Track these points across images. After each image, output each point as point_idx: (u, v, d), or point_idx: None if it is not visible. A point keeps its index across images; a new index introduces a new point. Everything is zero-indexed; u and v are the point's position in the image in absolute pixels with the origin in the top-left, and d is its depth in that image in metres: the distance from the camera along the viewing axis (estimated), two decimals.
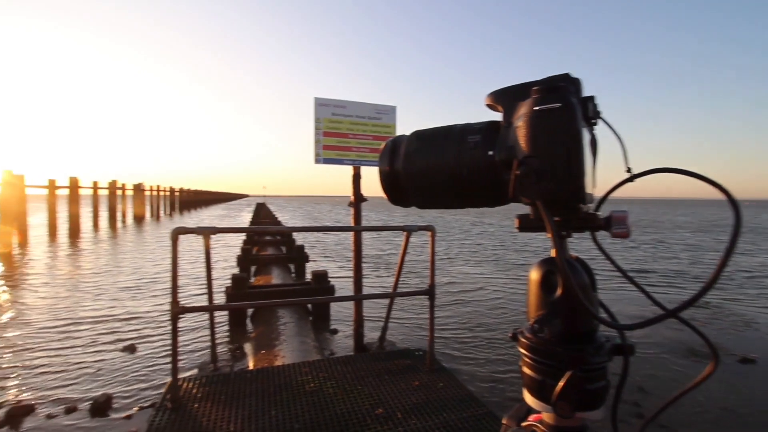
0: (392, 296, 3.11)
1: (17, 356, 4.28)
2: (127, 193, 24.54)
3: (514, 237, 17.29)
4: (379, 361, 2.79)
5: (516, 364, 0.49)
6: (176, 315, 2.29)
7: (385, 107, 3.86)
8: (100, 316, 5.67)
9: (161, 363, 4.10)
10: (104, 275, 8.61)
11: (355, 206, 3.62)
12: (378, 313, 5.55)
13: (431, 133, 0.52)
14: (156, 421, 2.03)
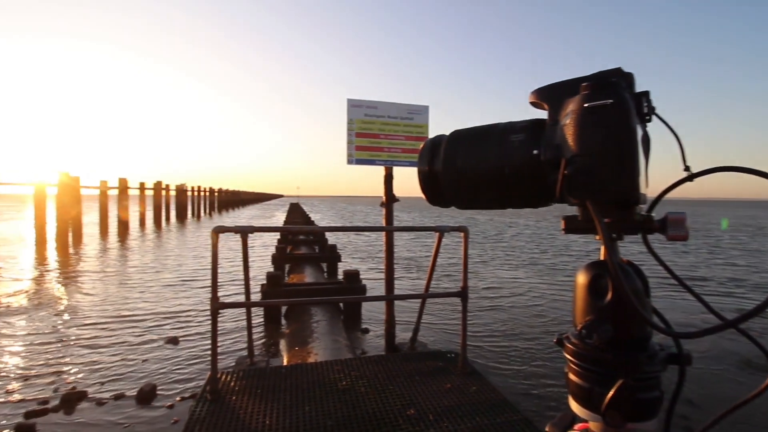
0: (424, 297, 3.10)
1: (71, 346, 4.60)
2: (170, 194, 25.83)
3: (551, 239, 16.75)
4: (410, 362, 2.78)
5: (553, 370, 0.48)
6: (216, 310, 2.37)
7: (418, 107, 3.84)
8: (146, 310, 6.00)
9: (201, 356, 4.28)
10: (150, 272, 9.11)
11: (386, 206, 3.62)
12: (409, 314, 5.53)
13: (472, 133, 0.51)
14: (196, 412, 2.11)
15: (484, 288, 7.66)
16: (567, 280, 8.37)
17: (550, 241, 16.21)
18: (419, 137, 3.80)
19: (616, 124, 0.40)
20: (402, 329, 4.11)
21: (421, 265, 10.23)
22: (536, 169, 0.46)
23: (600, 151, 0.41)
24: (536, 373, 3.99)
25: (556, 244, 15.21)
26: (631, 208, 0.43)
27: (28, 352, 4.39)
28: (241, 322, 5.10)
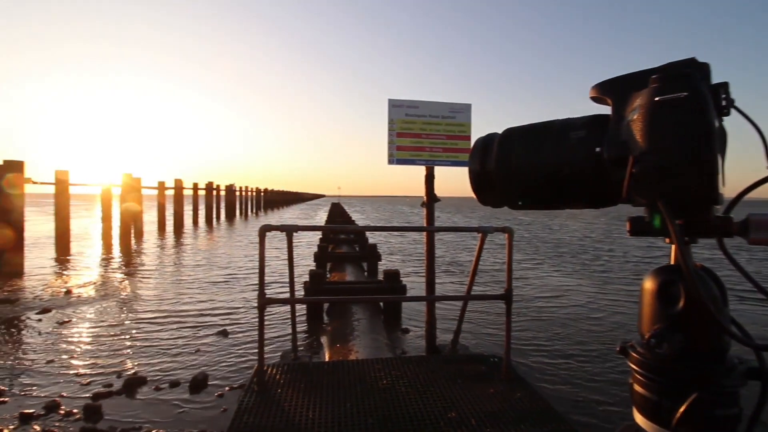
0: (466, 299, 3.04)
1: (133, 334, 4.97)
2: (220, 193, 27.21)
3: (603, 242, 15.89)
4: (451, 365, 2.75)
5: (605, 381, 0.45)
6: (263, 306, 2.47)
7: (459, 105, 3.77)
8: (199, 303, 6.37)
9: (248, 348, 4.47)
10: (202, 267, 9.65)
11: (427, 206, 3.60)
12: (450, 316, 5.47)
13: (527, 130, 0.50)
14: (245, 402, 2.21)
15: (529, 292, 7.40)
16: (621, 287, 7.90)
17: (601, 244, 15.38)
18: (461, 136, 3.74)
19: (691, 118, 0.37)
20: (442, 331, 4.06)
21: (463, 267, 10.07)
22: (598, 167, 0.43)
23: (673, 148, 0.38)
24: (586, 383, 3.79)
25: (608, 247, 14.41)
26: (708, 209, 0.39)
27: (95, 338, 4.80)
28: (285, 317, 5.28)
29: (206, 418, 3.06)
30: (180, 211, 19.33)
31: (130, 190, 15.14)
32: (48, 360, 4.13)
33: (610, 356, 4.39)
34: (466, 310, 3.12)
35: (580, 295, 7.23)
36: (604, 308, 6.44)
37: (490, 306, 6.01)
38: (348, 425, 2.01)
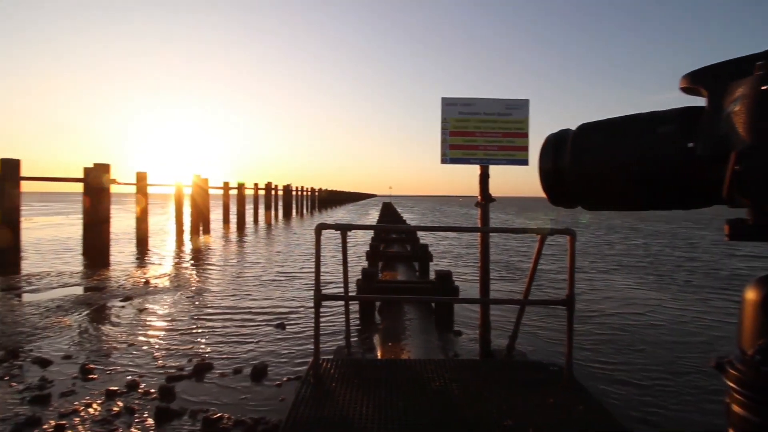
0: (523, 303, 2.92)
1: (201, 323, 5.36)
2: (278, 193, 28.56)
3: (682, 248, 14.52)
4: (508, 370, 2.66)
5: (681, 398, 0.41)
6: (318, 301, 2.55)
7: (517, 102, 3.62)
8: (259, 296, 6.73)
9: (304, 341, 4.65)
10: (262, 262, 10.19)
11: (482, 206, 3.51)
12: (504, 320, 5.29)
13: (606, 125, 0.46)
14: (301, 393, 2.30)
15: (593, 299, 6.93)
16: (706, 298, 7.17)
17: (679, 250, 14.05)
18: (518, 134, 3.59)
19: None
20: (496, 335, 3.94)
21: (518, 271, 9.71)
22: (691, 164, 0.39)
23: None
24: (659, 398, 3.49)
25: (689, 254, 13.14)
26: None
27: (169, 325, 5.25)
28: (338, 313, 5.42)
29: (266, 406, 3.22)
30: (242, 210, 20.55)
31: (199, 190, 16.37)
32: (130, 343, 4.59)
33: (689, 370, 4.00)
34: (523, 314, 3.00)
35: (655, 304, 6.66)
36: (683, 319, 5.88)
37: (549, 312, 5.73)
38: (400, 425, 2.02)
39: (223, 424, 2.94)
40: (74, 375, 3.73)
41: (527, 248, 13.51)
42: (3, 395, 3.34)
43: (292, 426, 1.98)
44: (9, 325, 5.13)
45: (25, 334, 4.82)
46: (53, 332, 4.90)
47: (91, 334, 4.88)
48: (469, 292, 7.04)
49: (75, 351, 4.33)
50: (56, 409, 3.14)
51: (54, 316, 5.49)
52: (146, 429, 2.89)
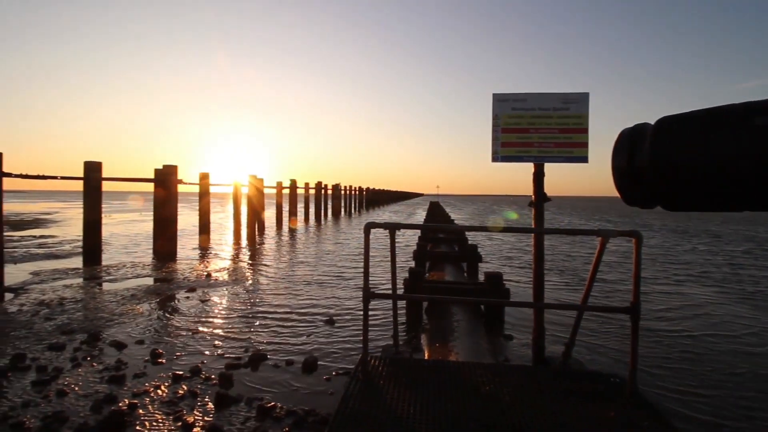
0: (581, 309, 2.76)
1: (256, 316, 5.63)
2: (328, 192, 29.32)
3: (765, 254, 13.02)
4: (563, 379, 2.52)
5: (763, 418, 0.35)
6: (367, 298, 2.58)
7: (575, 95, 3.42)
8: (311, 291, 6.95)
9: (353, 338, 4.73)
10: (313, 259, 10.51)
11: (536, 206, 3.36)
12: (558, 326, 5.03)
13: (693, 118, 0.42)
14: (350, 388, 2.34)
15: (661, 307, 6.39)
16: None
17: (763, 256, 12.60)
18: (576, 129, 3.40)
19: None
20: (550, 342, 3.76)
21: (574, 274, 9.20)
22: None
23: None
24: (737, 422, 3.14)
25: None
26: None
27: (228, 316, 5.58)
28: (386, 311, 5.46)
29: (315, 399, 3.32)
30: (294, 209, 21.34)
31: (254, 189, 17.22)
32: (193, 331, 4.93)
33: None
34: (581, 321, 2.83)
35: (732, 316, 6.01)
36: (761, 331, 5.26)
37: (609, 320, 5.37)
38: (449, 427, 1.98)
39: (276, 413, 3.07)
40: (145, 358, 4.08)
41: (583, 251, 12.76)
42: (86, 374, 3.73)
43: (341, 420, 2.02)
44: (91, 310, 5.72)
45: (105, 319, 5.34)
46: (128, 318, 5.39)
47: (159, 322, 5.31)
48: (520, 295, 6.78)
49: (146, 336, 4.73)
50: (130, 389, 3.45)
51: (129, 304, 6.05)
52: (207, 412, 3.09)
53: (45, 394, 3.33)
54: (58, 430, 2.83)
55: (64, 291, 6.74)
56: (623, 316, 2.44)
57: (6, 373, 3.69)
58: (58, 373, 3.71)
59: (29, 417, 2.97)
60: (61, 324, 5.08)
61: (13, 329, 4.88)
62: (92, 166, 10.03)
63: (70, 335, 4.69)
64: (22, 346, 4.36)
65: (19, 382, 3.53)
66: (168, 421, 2.97)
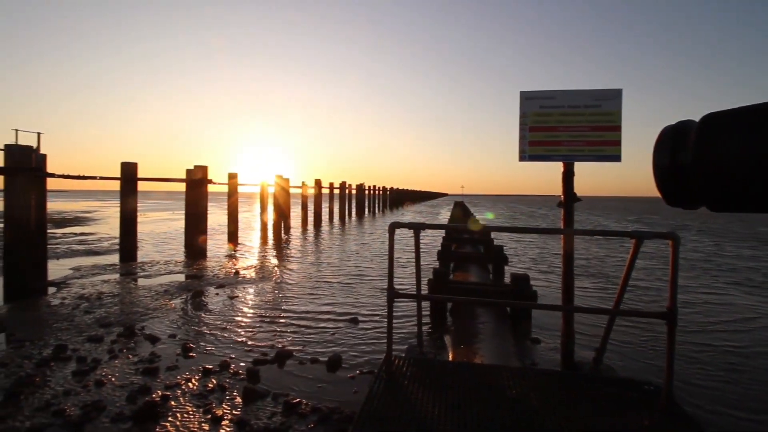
0: (613, 313, 2.66)
1: (282, 314, 5.73)
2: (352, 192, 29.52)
3: None
4: (594, 385, 2.44)
5: None
6: (391, 298, 2.57)
7: (607, 92, 3.30)
8: (334, 290, 7.01)
9: (375, 337, 4.74)
10: (337, 258, 10.61)
11: (565, 207, 3.26)
12: (587, 329, 4.88)
13: (742, 114, 0.39)
14: (374, 388, 2.34)
15: (700, 315, 6.07)
16: None
17: None
18: (608, 127, 3.28)
19: None
20: (579, 346, 3.65)
21: (605, 277, 8.89)
22: None
23: None
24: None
25: None
26: None
27: (255, 313, 5.70)
28: (409, 311, 5.44)
29: (340, 397, 3.35)
30: (319, 208, 21.61)
31: (280, 189, 17.55)
32: (222, 327, 5.07)
33: None
34: (613, 326, 2.72)
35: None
36: None
37: (642, 324, 5.16)
38: (474, 430, 1.95)
39: (302, 410, 3.11)
40: (177, 352, 4.23)
41: (612, 253, 12.32)
42: (122, 365, 3.90)
43: (365, 419, 2.03)
44: (127, 305, 5.98)
45: (140, 313, 5.57)
46: (161, 313, 5.60)
47: (191, 317, 5.49)
48: (548, 298, 6.61)
49: (178, 330, 4.90)
50: (162, 381, 3.58)
51: (162, 299, 6.28)
52: (235, 406, 3.17)
53: (84, 383, 3.50)
54: (96, 418, 2.97)
55: (102, 286, 7.08)
56: (658, 322, 2.34)
57: (49, 362, 3.91)
58: (97, 364, 3.90)
59: (70, 405, 3.13)
60: (99, 317, 5.33)
61: (56, 321, 5.16)
62: (128, 167, 10.49)
63: (108, 328, 4.92)
64: (64, 337, 4.60)
65: (60, 372, 3.74)
66: (198, 413, 3.06)
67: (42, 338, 4.56)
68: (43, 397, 3.25)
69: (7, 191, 6.39)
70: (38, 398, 3.24)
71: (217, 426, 2.91)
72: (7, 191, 6.39)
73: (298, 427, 2.90)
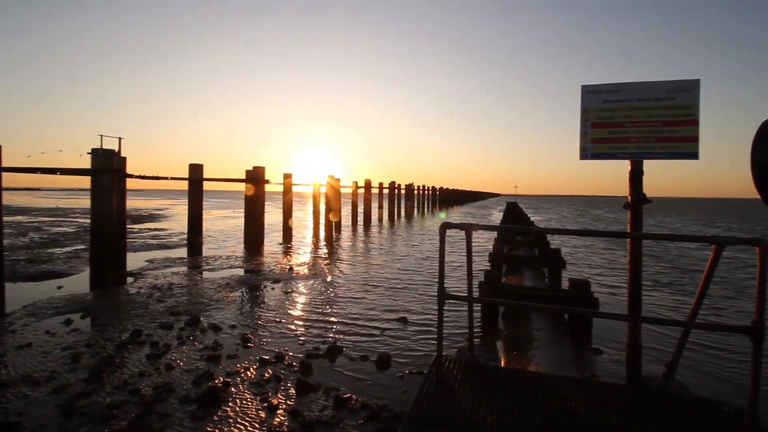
0: (689, 326, 2.42)
1: (333, 311, 5.88)
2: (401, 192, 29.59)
3: None
4: (663, 403, 2.24)
5: None
6: (442, 300, 2.54)
7: (683, 83, 3.01)
8: (384, 289, 7.07)
9: (424, 338, 4.71)
10: (387, 258, 10.69)
11: (632, 208, 3.03)
12: (655, 341, 4.50)
13: None
14: (424, 389, 2.33)
15: None
16: None
17: None
18: (684, 121, 2.99)
19: None
20: (649, 359, 3.38)
21: (676, 286, 8.15)
22: None
23: None
24: None
25: None
26: None
27: (308, 308, 5.90)
28: (459, 313, 5.34)
29: (389, 396, 3.36)
30: (368, 208, 21.90)
31: (332, 189, 18.01)
32: (277, 320, 5.31)
33: None
34: (687, 339, 2.49)
35: None
36: None
37: (722, 339, 4.67)
38: None
39: (352, 405, 3.17)
40: (237, 342, 4.49)
41: (686, 261, 11.24)
42: (188, 351, 4.21)
43: (415, 420, 2.02)
44: (193, 295, 6.44)
45: (204, 304, 5.99)
46: (223, 304, 5.98)
47: (249, 309, 5.81)
48: (610, 305, 6.19)
49: (237, 321, 5.20)
50: (224, 368, 3.82)
51: (223, 291, 6.71)
52: (289, 396, 3.30)
53: (156, 366, 3.83)
54: (166, 399, 3.23)
55: (172, 277, 7.70)
56: (741, 338, 2.10)
57: (127, 345, 4.32)
58: (167, 348, 4.24)
59: (144, 385, 3.44)
60: (169, 306, 5.81)
61: (133, 308, 5.69)
62: (195, 168, 11.32)
63: (177, 316, 5.34)
64: (140, 323, 5.07)
65: (136, 354, 4.11)
66: (255, 401, 3.23)
67: (121, 323, 5.05)
68: (122, 377, 3.60)
69: (93, 190, 7.16)
70: (117, 377, 3.59)
71: (272, 414, 3.05)
72: (94, 190, 7.15)
73: (348, 422, 2.96)
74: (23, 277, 7.52)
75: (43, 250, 10.65)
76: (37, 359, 3.94)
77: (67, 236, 13.91)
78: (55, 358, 3.98)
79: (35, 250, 10.77)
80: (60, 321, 5.09)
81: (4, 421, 2.87)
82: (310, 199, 18.66)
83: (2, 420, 2.88)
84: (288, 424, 2.92)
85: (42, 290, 6.65)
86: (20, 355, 4.03)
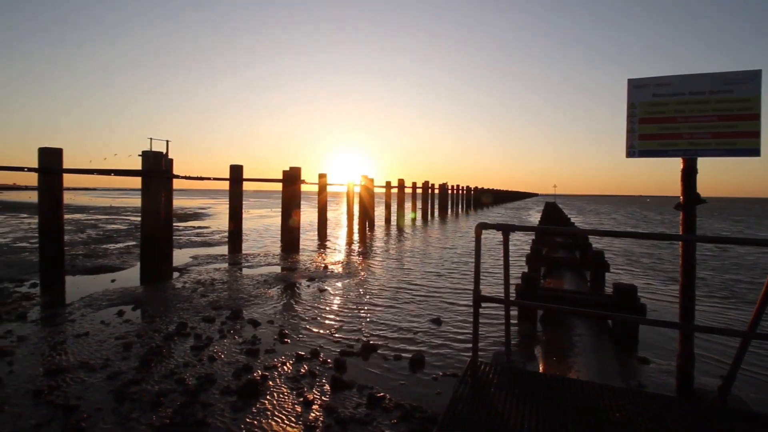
0: (747, 336, 2.24)
1: (367, 309, 5.92)
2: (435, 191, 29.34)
3: None
4: (719, 418, 2.08)
5: None
6: (477, 301, 2.49)
7: (742, 74, 2.77)
8: (418, 288, 7.05)
9: (458, 339, 4.64)
10: (420, 257, 10.64)
11: (685, 209, 2.84)
12: (709, 352, 4.20)
13: None
14: (459, 392, 2.29)
15: None
16: None
17: None
18: (743, 115, 2.77)
19: None
20: (699, 372, 3.16)
21: (737, 294, 7.57)
22: None
23: None
24: None
25: None
26: None
27: (342, 306, 5.98)
28: (495, 316, 5.23)
29: (422, 397, 3.34)
30: (402, 208, 21.88)
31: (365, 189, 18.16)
32: (312, 317, 5.42)
33: None
34: (746, 351, 2.30)
35: None
36: None
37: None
38: None
39: (386, 404, 3.18)
40: (274, 337, 4.62)
41: (742, 266, 10.39)
42: (229, 344, 4.38)
43: (450, 422, 1.99)
44: (234, 291, 6.70)
45: (244, 299, 6.21)
46: (261, 300, 6.17)
47: (286, 305, 5.97)
48: (657, 312, 5.83)
49: (275, 317, 5.36)
50: (262, 362, 3.94)
51: (262, 288, 6.93)
52: (324, 393, 3.36)
53: (200, 357, 4.01)
54: (209, 389, 3.38)
55: (214, 273, 8.05)
56: None
57: (173, 336, 4.56)
58: (210, 341, 4.44)
59: (188, 375, 3.61)
60: (212, 300, 6.07)
61: (179, 302, 6.00)
62: (236, 169, 11.77)
63: (219, 311, 5.58)
64: (185, 316, 5.33)
65: (181, 345, 4.33)
66: (292, 395, 3.31)
67: (168, 315, 5.34)
68: (168, 366, 3.80)
69: (144, 191, 7.61)
70: (164, 366, 3.79)
71: (308, 409, 3.11)
72: (144, 191, 7.61)
73: (382, 421, 2.97)
74: (81, 271, 8.12)
75: (98, 246, 11.45)
76: (93, 347, 4.24)
77: (120, 233, 14.88)
78: (109, 346, 4.27)
79: (92, 245, 11.60)
80: (113, 312, 5.45)
81: (65, 404, 3.11)
82: (344, 198, 18.90)
83: (63, 403, 3.13)
84: (323, 419, 2.97)
85: (97, 283, 7.16)
86: (78, 343, 4.35)
